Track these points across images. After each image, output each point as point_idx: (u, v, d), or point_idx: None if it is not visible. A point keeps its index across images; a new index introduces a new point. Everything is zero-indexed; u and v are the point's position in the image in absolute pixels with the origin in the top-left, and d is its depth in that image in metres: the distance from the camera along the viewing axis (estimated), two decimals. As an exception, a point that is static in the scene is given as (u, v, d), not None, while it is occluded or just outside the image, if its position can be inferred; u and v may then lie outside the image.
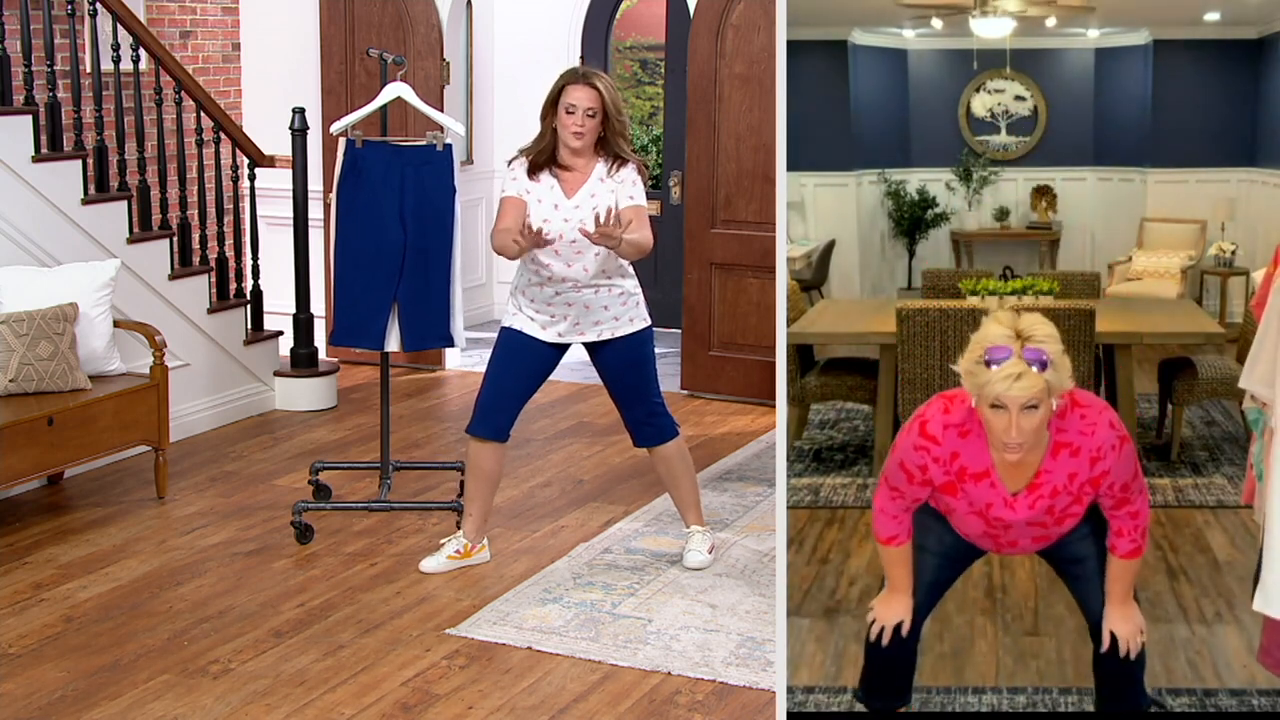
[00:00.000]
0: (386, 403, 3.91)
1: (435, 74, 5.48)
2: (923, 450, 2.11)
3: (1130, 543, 2.18)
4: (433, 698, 2.80)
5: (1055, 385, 2.01)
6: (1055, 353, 2.00)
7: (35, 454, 3.68)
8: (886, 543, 2.22)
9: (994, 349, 1.99)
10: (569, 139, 3.23)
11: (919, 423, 2.13)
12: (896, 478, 2.17)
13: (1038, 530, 2.18)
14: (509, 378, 3.35)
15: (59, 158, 4.28)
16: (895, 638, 2.23)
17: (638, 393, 3.39)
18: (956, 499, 2.15)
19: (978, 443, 2.09)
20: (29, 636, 3.07)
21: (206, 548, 3.65)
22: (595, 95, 3.20)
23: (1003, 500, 2.13)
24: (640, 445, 3.46)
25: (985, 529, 2.18)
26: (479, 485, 3.43)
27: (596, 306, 3.30)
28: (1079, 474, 2.10)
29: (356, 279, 3.65)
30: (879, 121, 3.71)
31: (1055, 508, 2.13)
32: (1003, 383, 1.98)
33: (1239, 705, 2.38)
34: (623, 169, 3.27)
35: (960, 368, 2.04)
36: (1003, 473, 2.11)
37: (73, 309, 3.93)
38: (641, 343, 3.37)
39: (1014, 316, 2.02)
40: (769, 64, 5.00)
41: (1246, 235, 3.48)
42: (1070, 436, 2.08)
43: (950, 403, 2.11)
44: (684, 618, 3.18)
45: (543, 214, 3.26)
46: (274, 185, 5.43)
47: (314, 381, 5.05)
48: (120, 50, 4.51)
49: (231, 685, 2.85)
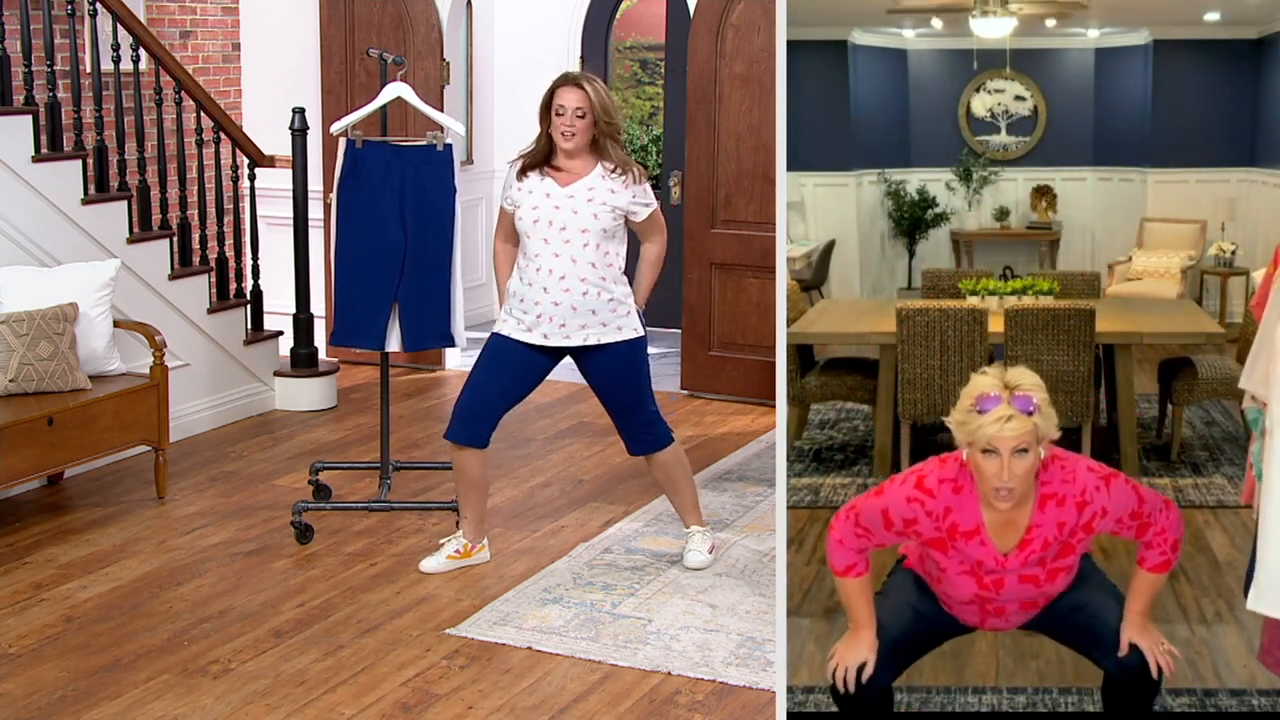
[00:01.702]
0: (386, 403, 3.91)
1: (435, 74, 5.48)
2: (916, 503, 2.15)
3: (1160, 555, 2.20)
4: (433, 698, 2.80)
5: (1043, 430, 2.08)
6: (1042, 401, 2.08)
7: (35, 454, 3.68)
8: (844, 573, 2.22)
9: (984, 398, 2.08)
10: (561, 140, 3.27)
11: (916, 476, 2.17)
12: (872, 521, 2.19)
13: (1029, 589, 2.20)
14: (491, 383, 3.35)
15: (59, 158, 4.28)
16: (860, 683, 2.22)
17: (630, 403, 3.38)
18: (947, 555, 2.17)
19: (970, 499, 2.13)
20: (29, 636, 3.07)
21: (206, 548, 3.65)
22: (584, 96, 3.24)
23: (994, 558, 2.16)
24: (636, 454, 3.46)
25: (976, 590, 2.19)
26: (465, 491, 3.43)
27: (584, 310, 3.29)
28: (1068, 521, 2.14)
29: (357, 279, 3.65)
30: (879, 121, 3.71)
31: (1047, 559, 2.16)
32: (994, 425, 2.05)
33: (1239, 705, 2.38)
34: (627, 175, 3.31)
35: (952, 420, 2.11)
36: (993, 532, 2.15)
37: (73, 309, 3.93)
38: (632, 352, 3.35)
39: (1000, 370, 2.11)
40: (769, 64, 5.00)
41: (1246, 235, 3.48)
42: (1054, 487, 2.14)
43: (943, 463, 2.17)
44: (684, 618, 3.19)
45: (533, 202, 3.29)
46: (274, 185, 5.43)
47: (314, 381, 5.05)
48: (120, 50, 4.51)
49: (231, 685, 2.85)
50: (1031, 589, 2.21)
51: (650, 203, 3.37)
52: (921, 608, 2.28)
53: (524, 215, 3.30)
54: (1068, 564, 2.18)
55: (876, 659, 2.24)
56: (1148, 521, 2.18)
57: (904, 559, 2.34)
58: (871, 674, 2.23)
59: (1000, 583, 2.19)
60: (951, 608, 2.27)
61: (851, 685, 2.21)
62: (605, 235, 3.29)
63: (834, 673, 2.23)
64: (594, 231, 3.26)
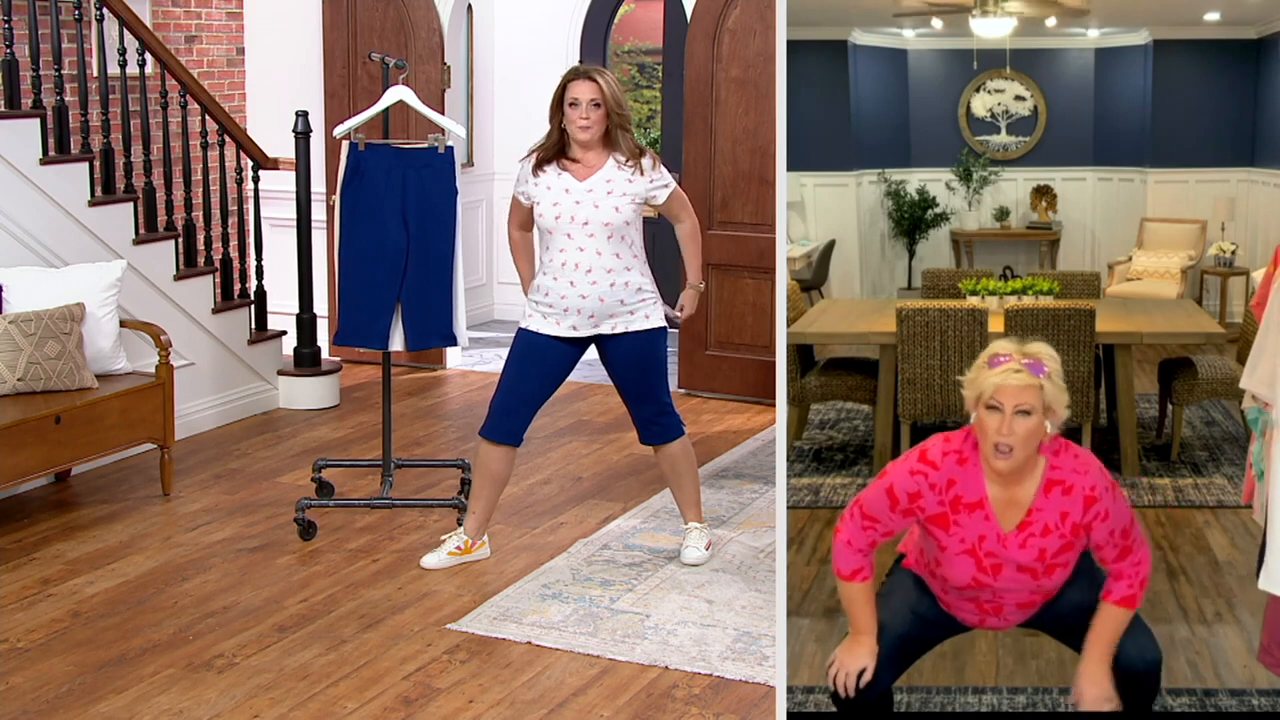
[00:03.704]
0: (388, 401, 3.94)
1: (436, 78, 5.51)
2: (920, 475, 2.14)
3: (1128, 588, 2.17)
4: (434, 692, 2.82)
5: (1049, 396, 2.07)
6: (1053, 370, 2.08)
7: (43, 451, 3.70)
8: (850, 577, 2.20)
9: (996, 357, 2.09)
10: (576, 133, 3.28)
11: (919, 450, 2.17)
12: (877, 506, 2.18)
13: (1026, 581, 2.19)
14: (524, 380, 3.37)
15: (66, 160, 4.31)
16: (859, 687, 2.21)
17: (646, 391, 3.40)
18: (949, 533, 2.16)
19: (974, 471, 2.13)
20: (37, 631, 3.10)
21: (211, 544, 3.67)
22: (596, 88, 3.26)
23: (996, 536, 2.15)
24: (646, 443, 3.48)
25: (975, 572, 2.18)
26: (486, 486, 3.44)
27: (612, 301, 3.31)
28: (1071, 514, 2.13)
29: (360, 280, 3.67)
30: (879, 121, 3.73)
31: (1047, 550, 2.15)
32: (1000, 375, 2.06)
33: (1239, 705, 2.37)
34: (640, 163, 3.32)
35: (965, 378, 2.11)
36: (997, 508, 2.14)
37: (79, 309, 3.96)
38: (653, 341, 3.38)
39: (1020, 341, 2.12)
40: (765, 68, 5.02)
41: (1246, 235, 3.48)
42: (1064, 474, 2.13)
43: (949, 438, 2.17)
44: (681, 613, 3.20)
45: (553, 198, 3.30)
46: (277, 187, 5.46)
47: (317, 380, 5.07)
48: (126, 54, 4.54)
49: (236, 679, 2.87)
50: (1028, 581, 2.19)
51: (668, 183, 3.37)
52: (920, 609, 2.27)
53: (545, 212, 3.31)
54: (1065, 560, 2.17)
55: (876, 663, 2.23)
56: (1132, 545, 2.16)
57: (903, 558, 2.34)
58: (871, 678, 2.22)
59: (999, 569, 2.17)
60: (949, 605, 2.26)
61: (852, 690, 2.21)
62: (627, 226, 3.31)
63: (834, 678, 2.22)
64: (617, 224, 3.29)
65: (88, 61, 4.57)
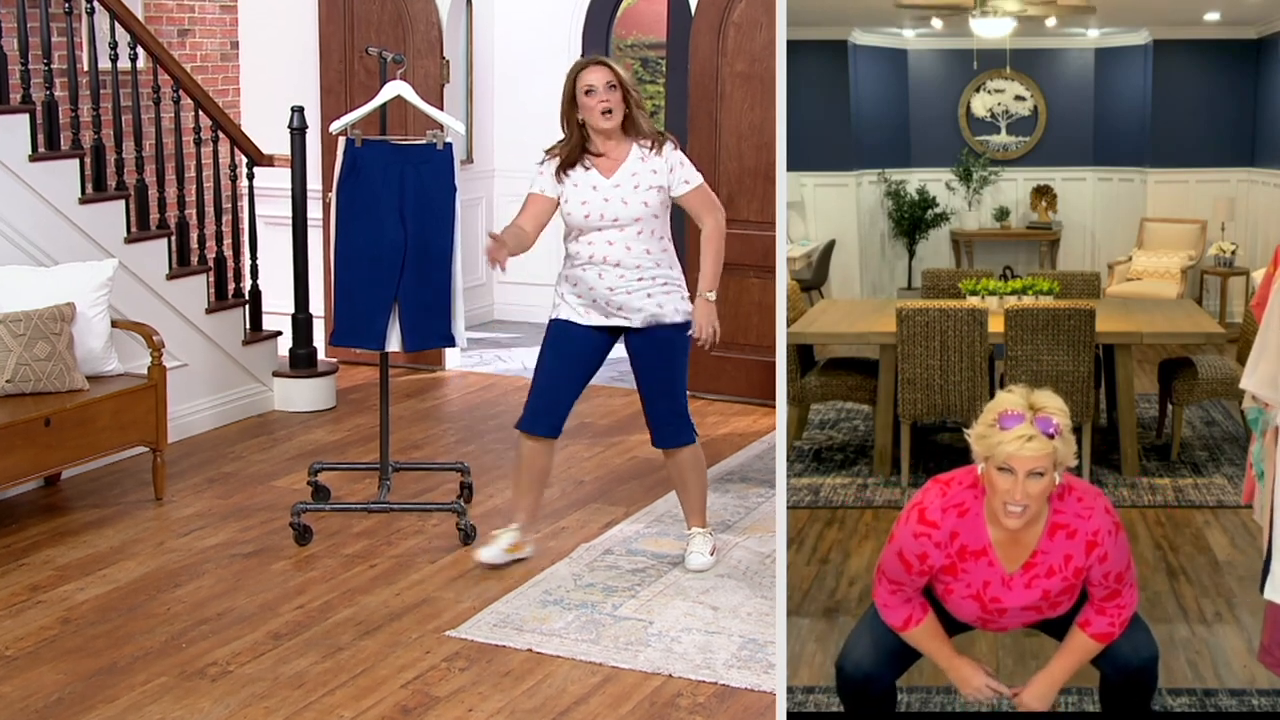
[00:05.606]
0: (386, 403, 3.90)
1: (435, 72, 5.47)
2: (923, 537, 2.14)
3: (1108, 625, 2.18)
4: (432, 700, 2.80)
5: (1061, 454, 2.08)
6: (1064, 426, 2.08)
7: (32, 455, 3.66)
8: (904, 627, 2.22)
9: (1007, 415, 2.07)
10: (598, 120, 3.24)
11: (916, 511, 2.16)
12: (895, 571, 2.19)
13: (1031, 616, 2.21)
14: (559, 371, 3.34)
15: (56, 157, 4.27)
16: (862, 684, 2.23)
17: (663, 388, 3.37)
18: (955, 579, 2.17)
19: (976, 521, 2.14)
20: (26, 639, 3.06)
21: (205, 549, 3.64)
22: (609, 71, 3.25)
23: (1000, 580, 2.16)
24: (658, 445, 3.45)
25: (979, 613, 2.20)
26: (531, 483, 3.42)
27: (640, 294, 3.29)
28: (1074, 557, 2.13)
29: (357, 278, 3.64)
30: (879, 121, 3.71)
31: (1050, 592, 2.16)
32: (1014, 443, 2.05)
33: (1239, 705, 2.38)
34: (663, 148, 3.29)
35: (972, 433, 2.11)
36: (1000, 551, 2.14)
37: (70, 309, 3.92)
38: (679, 335, 3.34)
39: (1026, 391, 2.11)
40: (771, 62, 4.99)
41: (1246, 235, 3.48)
42: (1067, 518, 2.13)
43: (947, 486, 2.17)
44: (685, 620, 3.18)
45: (581, 196, 3.28)
46: (272, 184, 5.42)
47: (313, 382, 5.04)
48: (118, 48, 4.49)
49: (229, 688, 2.84)
50: (1033, 616, 2.22)
51: (692, 179, 3.31)
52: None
53: (573, 211, 3.28)
54: (1067, 598, 2.19)
55: (877, 659, 2.24)
56: (1120, 589, 2.17)
57: None
58: (873, 674, 2.23)
59: (1003, 612, 2.19)
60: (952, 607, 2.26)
61: (1008, 692, 2.21)
62: (656, 219, 3.29)
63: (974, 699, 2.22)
64: (646, 219, 3.26)
65: (78, 56, 4.52)
